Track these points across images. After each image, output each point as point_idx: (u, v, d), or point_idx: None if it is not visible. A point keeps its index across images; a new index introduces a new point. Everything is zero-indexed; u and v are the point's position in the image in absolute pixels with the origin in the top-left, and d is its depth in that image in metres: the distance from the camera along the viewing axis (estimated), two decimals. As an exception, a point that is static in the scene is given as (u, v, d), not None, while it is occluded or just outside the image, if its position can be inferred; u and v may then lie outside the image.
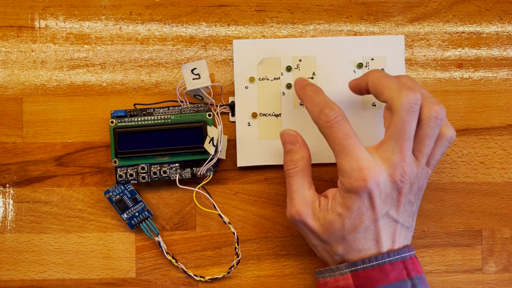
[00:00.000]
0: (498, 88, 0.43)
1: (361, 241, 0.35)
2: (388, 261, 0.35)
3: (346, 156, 0.34)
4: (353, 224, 0.35)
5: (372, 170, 0.34)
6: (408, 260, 0.35)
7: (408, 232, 0.37)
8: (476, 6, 0.43)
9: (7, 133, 0.42)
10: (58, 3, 0.42)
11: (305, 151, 0.37)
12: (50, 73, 0.42)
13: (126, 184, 0.41)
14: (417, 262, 0.36)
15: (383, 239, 0.35)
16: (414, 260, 0.35)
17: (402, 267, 0.35)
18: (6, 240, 0.42)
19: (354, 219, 0.35)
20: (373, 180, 0.33)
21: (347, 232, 0.35)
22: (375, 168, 0.34)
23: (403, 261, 0.35)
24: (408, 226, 0.36)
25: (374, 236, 0.35)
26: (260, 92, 0.42)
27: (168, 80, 0.42)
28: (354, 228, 0.35)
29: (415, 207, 0.36)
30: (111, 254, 0.42)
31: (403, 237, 0.36)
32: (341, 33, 0.42)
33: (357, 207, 0.34)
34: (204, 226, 0.42)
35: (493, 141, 0.43)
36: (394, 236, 0.36)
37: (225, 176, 0.42)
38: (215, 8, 0.42)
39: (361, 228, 0.35)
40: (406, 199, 0.35)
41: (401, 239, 0.36)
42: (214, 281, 0.42)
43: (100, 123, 0.42)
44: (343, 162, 0.34)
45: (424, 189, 0.37)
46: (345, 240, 0.35)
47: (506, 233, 0.43)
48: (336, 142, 0.34)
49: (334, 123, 0.34)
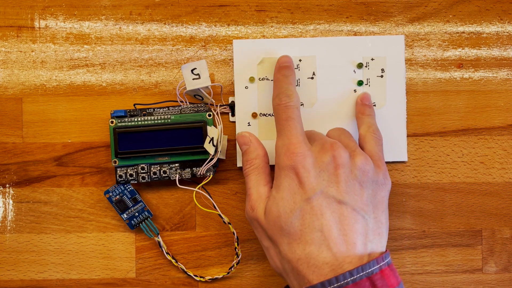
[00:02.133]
0: (498, 88, 0.43)
1: (304, 234, 0.32)
2: (351, 281, 0.30)
3: (281, 135, 0.35)
4: (286, 206, 0.33)
5: (299, 145, 0.34)
6: (377, 275, 0.31)
7: (369, 225, 0.33)
8: (476, 6, 0.43)
9: (7, 133, 0.42)
10: (58, 3, 0.42)
11: (259, 150, 0.37)
12: (50, 73, 0.42)
13: (126, 184, 0.41)
14: (390, 274, 0.32)
15: (330, 231, 0.32)
16: (384, 273, 0.31)
17: (369, 285, 0.31)
18: (6, 240, 0.42)
19: (286, 199, 0.33)
20: (299, 154, 0.33)
21: (284, 219, 0.33)
22: (303, 145, 0.34)
23: (369, 277, 0.31)
24: (364, 214, 0.33)
25: (315, 224, 0.32)
26: (260, 92, 0.42)
27: (168, 80, 0.42)
28: (290, 211, 0.33)
29: (371, 193, 0.34)
30: (111, 254, 0.42)
31: (361, 229, 0.32)
32: (341, 33, 0.42)
33: (287, 185, 0.33)
34: (204, 226, 0.42)
35: (493, 141, 0.43)
36: (345, 226, 0.32)
37: (225, 176, 0.42)
38: (215, 8, 0.42)
39: (296, 211, 0.32)
40: (347, 174, 0.33)
41: (359, 232, 0.32)
42: (214, 281, 0.42)
43: (100, 123, 0.42)
44: (278, 141, 0.35)
45: (380, 183, 0.35)
46: (284, 231, 0.33)
47: (506, 233, 0.43)
48: (279, 123, 0.36)
49: (283, 107, 0.36)
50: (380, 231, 0.34)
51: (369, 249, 0.33)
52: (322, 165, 0.33)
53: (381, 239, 0.34)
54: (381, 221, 0.34)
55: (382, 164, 0.36)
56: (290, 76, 0.38)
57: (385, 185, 0.35)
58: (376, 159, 0.36)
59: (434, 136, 0.42)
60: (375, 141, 0.37)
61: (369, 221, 0.33)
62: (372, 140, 0.37)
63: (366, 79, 0.42)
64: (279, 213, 0.33)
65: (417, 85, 0.42)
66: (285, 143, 0.34)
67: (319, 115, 0.41)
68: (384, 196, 0.35)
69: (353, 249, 0.32)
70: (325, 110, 0.42)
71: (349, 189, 0.33)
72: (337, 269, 0.31)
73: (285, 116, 0.35)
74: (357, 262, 0.32)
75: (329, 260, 0.32)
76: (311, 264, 0.32)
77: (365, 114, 0.40)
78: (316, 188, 0.33)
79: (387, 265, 0.32)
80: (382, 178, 0.35)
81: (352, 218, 0.33)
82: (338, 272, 0.31)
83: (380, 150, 0.37)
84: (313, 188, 0.33)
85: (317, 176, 0.33)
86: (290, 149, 0.34)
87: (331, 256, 0.32)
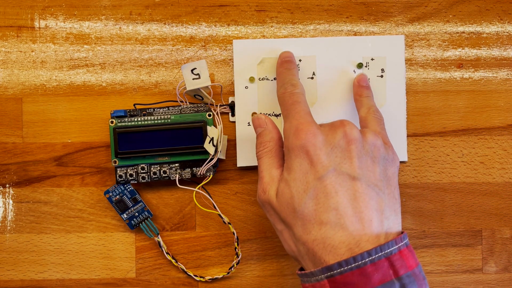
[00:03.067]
0: (498, 88, 0.43)
1: (319, 214, 0.31)
2: (369, 261, 0.30)
3: (289, 118, 0.35)
4: (299, 186, 0.32)
5: (307, 125, 0.33)
6: (396, 255, 0.30)
7: (385, 201, 0.32)
8: (476, 6, 0.43)
9: (7, 133, 0.42)
10: (58, 3, 0.42)
11: (274, 133, 0.36)
12: (50, 73, 0.42)
13: (126, 184, 0.41)
14: (409, 255, 0.31)
15: (345, 209, 0.31)
16: (403, 254, 0.31)
17: (388, 265, 0.30)
18: (6, 240, 0.42)
19: (298, 180, 0.32)
20: (309, 133, 0.32)
21: (297, 200, 0.32)
22: (312, 124, 0.33)
23: (388, 258, 0.30)
24: (378, 190, 0.32)
25: (330, 203, 0.31)
26: (260, 92, 0.42)
27: (168, 80, 0.42)
28: (302, 191, 0.32)
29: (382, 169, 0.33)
30: (111, 254, 0.42)
31: (376, 205, 0.31)
32: (341, 33, 0.42)
33: (298, 165, 0.32)
34: (204, 226, 0.42)
35: (493, 141, 0.43)
36: (361, 203, 0.31)
37: (225, 176, 0.42)
38: (215, 8, 0.42)
39: (309, 191, 0.32)
40: (359, 150, 0.32)
41: (374, 209, 0.31)
42: (214, 281, 0.42)
43: (100, 123, 0.42)
44: (286, 124, 0.35)
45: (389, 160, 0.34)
46: (298, 212, 0.32)
47: (506, 233, 0.43)
48: (285, 108, 0.36)
49: (289, 94, 0.36)
50: (395, 208, 0.33)
51: (386, 227, 0.32)
52: (333, 141, 0.33)
53: (396, 216, 0.33)
54: (395, 197, 0.33)
55: (389, 141, 0.35)
56: (293, 69, 0.39)
57: (394, 161, 0.34)
58: (382, 137, 0.36)
59: (434, 136, 0.42)
60: (377, 122, 0.37)
61: (384, 198, 0.32)
62: (374, 120, 0.37)
63: (366, 79, 0.42)
64: (291, 195, 0.32)
65: (417, 85, 0.43)
66: (293, 124, 0.34)
67: (319, 115, 0.41)
68: (394, 172, 0.34)
69: (370, 226, 0.31)
70: (325, 110, 0.42)
71: (362, 165, 0.32)
72: (354, 248, 0.31)
73: (291, 101, 0.35)
74: (375, 241, 0.31)
75: (345, 239, 0.31)
76: (327, 244, 0.31)
77: (363, 95, 0.39)
78: (329, 166, 0.32)
79: (405, 246, 0.31)
80: (391, 154, 0.34)
81: (367, 194, 0.32)
82: (355, 251, 0.30)
83: (383, 129, 0.37)
84: (325, 166, 0.32)
85: (329, 153, 0.32)
86: (299, 128, 0.33)
87: (348, 235, 0.31)
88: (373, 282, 0.30)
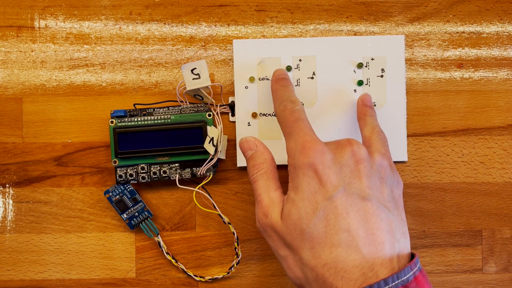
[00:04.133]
0: (498, 88, 0.43)
1: (329, 236, 0.29)
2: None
3: (293, 136, 0.33)
4: (308, 207, 0.30)
5: (314, 143, 0.32)
6: (412, 283, 0.29)
7: (395, 222, 0.31)
8: (476, 6, 0.43)
9: (7, 133, 0.42)
10: (58, 3, 0.42)
11: (266, 154, 0.35)
12: (50, 73, 0.42)
13: (126, 184, 0.41)
14: (423, 281, 0.29)
15: (357, 230, 0.29)
16: (418, 281, 0.29)
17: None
18: (6, 240, 0.42)
19: (306, 200, 0.31)
20: (317, 151, 0.31)
21: (306, 221, 0.30)
22: (319, 142, 0.32)
23: (405, 286, 0.29)
24: (387, 211, 0.31)
25: (341, 224, 0.29)
26: (260, 92, 0.42)
27: (168, 80, 0.42)
28: (311, 212, 0.30)
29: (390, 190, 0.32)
30: (111, 254, 0.42)
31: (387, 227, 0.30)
32: (341, 33, 0.42)
33: (307, 185, 0.31)
34: (204, 226, 0.42)
35: (493, 141, 0.43)
36: (372, 224, 0.30)
37: (225, 176, 0.42)
38: (215, 8, 0.42)
39: (319, 212, 0.30)
40: (368, 169, 0.31)
41: (386, 231, 0.30)
42: (214, 281, 0.42)
43: (100, 123, 0.42)
44: (290, 142, 0.33)
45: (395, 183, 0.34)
46: (306, 235, 0.30)
47: (506, 233, 0.43)
48: (287, 126, 0.34)
49: (290, 111, 0.34)
50: (404, 230, 0.32)
51: (397, 250, 0.30)
52: (342, 160, 0.31)
53: (406, 239, 0.32)
54: (403, 220, 0.32)
55: (393, 164, 0.35)
56: (289, 85, 0.37)
57: (399, 184, 0.34)
58: (387, 159, 0.35)
59: (434, 136, 0.42)
60: (382, 143, 0.36)
61: (394, 219, 0.31)
62: (378, 141, 0.36)
63: (366, 79, 0.42)
64: (299, 215, 0.30)
65: (417, 85, 0.43)
66: (299, 142, 0.32)
67: (319, 115, 0.41)
68: (400, 195, 0.33)
69: (383, 249, 0.30)
70: (325, 110, 0.42)
71: (372, 185, 0.31)
72: (368, 272, 0.29)
73: (293, 118, 0.34)
74: (388, 264, 0.29)
75: (358, 262, 0.29)
76: (340, 269, 0.29)
77: (367, 115, 0.39)
78: (338, 186, 0.30)
79: (419, 271, 0.30)
80: (396, 176, 0.34)
81: (378, 216, 0.30)
82: (369, 276, 0.29)
83: (388, 151, 0.36)
84: (335, 186, 0.30)
85: (339, 172, 0.31)
86: (306, 146, 0.31)
87: (361, 258, 0.29)
88: None
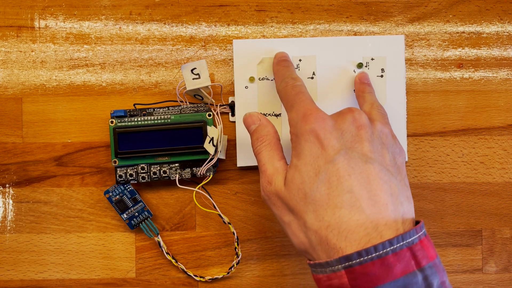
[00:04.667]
0: (498, 88, 0.43)
1: (332, 197, 0.30)
2: (391, 251, 0.28)
3: (294, 107, 0.34)
4: (310, 170, 0.31)
5: (315, 110, 0.33)
6: (417, 245, 0.29)
7: (398, 186, 0.31)
8: (476, 6, 0.43)
9: (7, 133, 0.42)
10: (58, 3, 0.42)
11: (269, 127, 0.35)
12: (50, 73, 0.42)
13: (126, 184, 0.41)
14: (429, 245, 0.30)
15: (360, 191, 0.30)
16: (424, 244, 0.29)
17: (410, 256, 0.29)
18: (6, 240, 0.42)
19: (309, 164, 0.31)
20: (318, 117, 0.32)
21: (309, 185, 0.31)
22: (320, 110, 0.33)
23: (410, 248, 0.29)
24: (390, 175, 0.31)
25: (344, 186, 0.30)
26: (260, 92, 0.42)
27: (168, 80, 0.42)
28: (314, 175, 0.31)
29: (392, 157, 0.32)
30: (111, 254, 0.42)
31: (390, 190, 0.30)
32: (341, 33, 0.42)
33: (309, 150, 0.31)
34: (204, 226, 0.42)
35: (493, 141, 0.43)
36: (375, 186, 0.30)
37: (225, 176, 0.42)
38: (215, 8, 0.42)
39: (321, 175, 0.31)
40: (369, 135, 0.32)
41: (389, 193, 0.30)
42: (214, 281, 0.42)
43: (100, 123, 0.42)
44: (292, 113, 0.34)
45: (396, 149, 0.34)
46: (309, 198, 0.31)
47: (506, 233, 0.43)
48: (289, 99, 0.35)
49: (291, 86, 0.35)
50: (408, 195, 0.32)
51: (401, 212, 0.31)
52: (343, 126, 0.32)
53: (409, 203, 0.32)
54: (406, 185, 0.33)
55: (394, 135, 0.35)
56: (290, 66, 0.39)
57: (401, 152, 0.34)
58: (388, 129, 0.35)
59: (434, 136, 0.42)
60: (382, 116, 0.36)
61: (396, 183, 0.31)
62: (378, 115, 0.36)
63: (366, 79, 0.42)
64: (302, 179, 0.31)
65: (417, 85, 0.43)
66: (300, 111, 0.33)
67: (319, 115, 0.41)
68: (402, 163, 0.34)
69: (386, 210, 0.30)
70: (325, 109, 0.41)
71: (374, 149, 0.32)
72: (372, 232, 0.29)
73: (294, 92, 0.34)
74: (393, 225, 0.30)
75: (362, 222, 0.29)
76: (343, 229, 0.29)
77: (365, 92, 0.39)
78: (340, 149, 0.31)
79: (424, 235, 0.30)
80: (398, 145, 0.34)
81: (380, 178, 0.31)
82: (373, 236, 0.29)
83: (388, 123, 0.36)
84: (336, 150, 0.31)
85: (340, 137, 0.31)
86: (307, 113, 0.32)
87: (365, 218, 0.29)
88: (395, 273, 0.28)
